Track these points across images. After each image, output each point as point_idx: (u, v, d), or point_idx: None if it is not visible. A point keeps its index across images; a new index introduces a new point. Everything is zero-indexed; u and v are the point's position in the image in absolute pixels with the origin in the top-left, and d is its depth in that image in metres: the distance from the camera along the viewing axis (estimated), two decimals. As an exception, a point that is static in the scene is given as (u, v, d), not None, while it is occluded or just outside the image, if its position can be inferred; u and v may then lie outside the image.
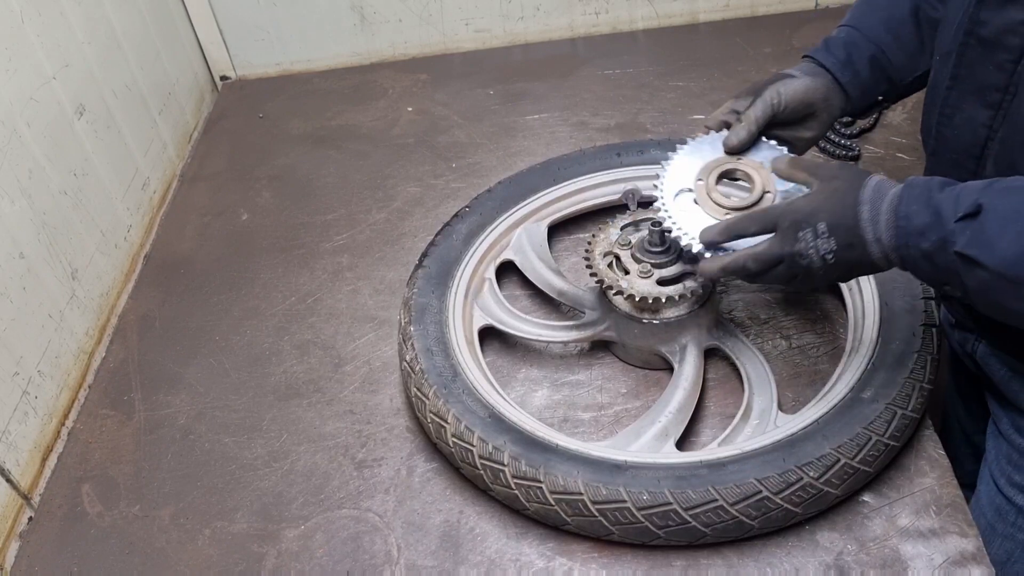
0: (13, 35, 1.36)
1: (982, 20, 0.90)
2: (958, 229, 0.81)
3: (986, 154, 0.94)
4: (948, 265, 0.83)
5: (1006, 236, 0.78)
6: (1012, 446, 1.09)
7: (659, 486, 0.98)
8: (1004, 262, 0.78)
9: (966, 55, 0.93)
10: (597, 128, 1.76)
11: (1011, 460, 1.09)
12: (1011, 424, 1.08)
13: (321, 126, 1.91)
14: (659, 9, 2.07)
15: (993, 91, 0.91)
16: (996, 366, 1.09)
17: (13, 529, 1.19)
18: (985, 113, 0.93)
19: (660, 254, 1.21)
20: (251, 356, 1.38)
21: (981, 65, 0.92)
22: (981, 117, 0.93)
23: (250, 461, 1.22)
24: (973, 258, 0.80)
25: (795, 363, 1.23)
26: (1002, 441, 1.10)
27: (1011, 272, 0.78)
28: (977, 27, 0.90)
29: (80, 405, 1.37)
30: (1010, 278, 0.78)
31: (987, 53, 0.90)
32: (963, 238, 0.81)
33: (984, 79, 0.92)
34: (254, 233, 1.63)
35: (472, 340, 1.26)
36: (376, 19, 2.08)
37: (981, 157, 0.95)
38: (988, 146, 0.94)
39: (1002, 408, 1.10)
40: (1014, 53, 0.88)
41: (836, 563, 0.99)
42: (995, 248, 0.79)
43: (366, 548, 1.09)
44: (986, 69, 0.91)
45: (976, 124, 0.94)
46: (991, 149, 0.94)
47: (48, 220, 1.38)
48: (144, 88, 1.77)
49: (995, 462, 1.12)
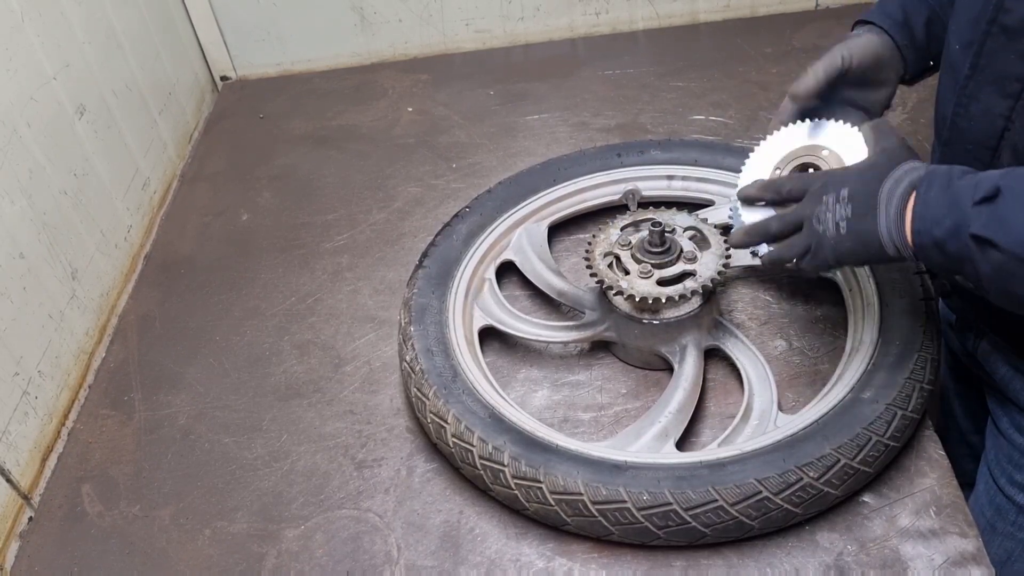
0: (13, 35, 1.36)
1: (1007, 8, 0.89)
2: (974, 213, 0.80)
3: (1002, 145, 0.94)
4: (961, 252, 0.82)
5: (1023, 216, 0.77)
6: (1012, 445, 1.09)
7: (659, 486, 0.98)
8: (1020, 245, 0.77)
9: (987, 44, 0.92)
10: (597, 128, 1.76)
11: (1011, 459, 1.09)
12: (1011, 423, 1.08)
13: (321, 126, 1.91)
14: (659, 9, 2.07)
15: (1013, 81, 0.90)
16: (997, 364, 1.08)
17: (13, 529, 1.19)
18: (1004, 103, 0.92)
19: (660, 254, 1.21)
20: (251, 356, 1.38)
21: (1002, 54, 0.91)
22: (999, 107, 0.92)
23: (250, 461, 1.22)
24: (988, 239, 0.79)
25: (795, 364, 1.23)
26: (1002, 440, 1.10)
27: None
28: (1001, 15, 0.89)
29: (80, 405, 1.37)
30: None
31: (1010, 42, 0.89)
32: (979, 221, 0.80)
33: (1005, 69, 0.91)
34: (254, 233, 1.64)
35: (472, 340, 1.26)
36: (376, 19, 2.08)
37: (997, 148, 0.94)
38: (1005, 137, 0.93)
39: (1002, 407, 1.10)
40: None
41: (836, 563, 0.99)
42: (1011, 228, 0.78)
43: (366, 548, 1.09)
44: (1008, 58, 0.90)
45: (994, 114, 0.93)
46: (1008, 140, 0.93)
47: (48, 220, 1.38)
48: (144, 88, 1.77)
49: (995, 461, 1.12)
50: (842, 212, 0.91)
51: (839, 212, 0.92)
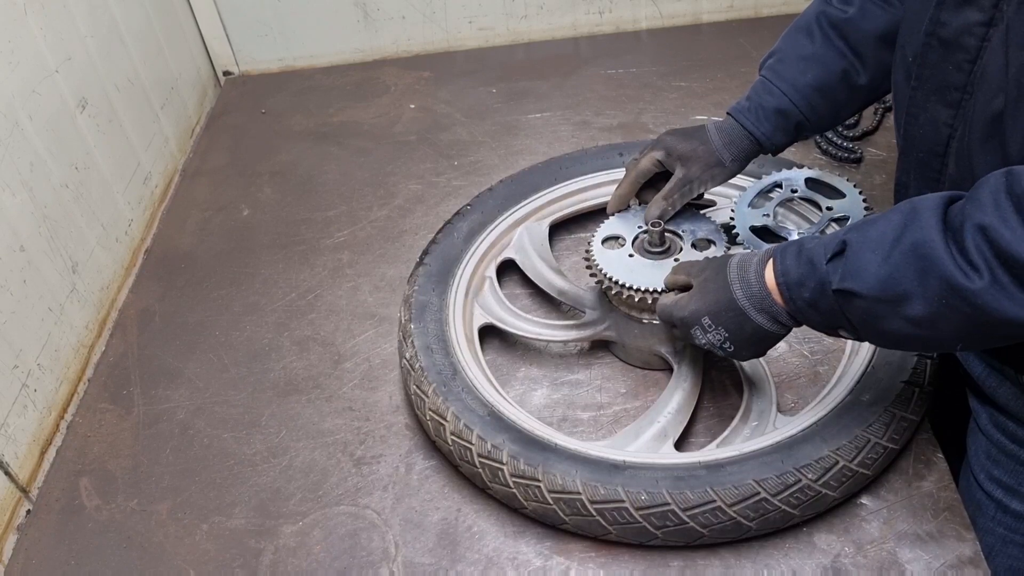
0: (16, 28, 1.36)
1: (942, 21, 0.93)
2: (831, 269, 0.88)
3: (948, 152, 0.97)
4: (831, 307, 0.89)
5: (873, 262, 0.84)
6: (991, 442, 1.09)
7: (657, 486, 0.98)
8: (876, 286, 0.83)
9: (927, 56, 0.96)
10: (599, 127, 1.76)
11: (990, 456, 1.10)
12: (990, 420, 1.09)
13: (323, 122, 1.91)
14: (662, 9, 2.07)
15: (953, 91, 0.94)
16: (974, 363, 1.10)
17: (11, 522, 1.19)
18: (946, 112, 0.95)
19: (660, 255, 1.22)
20: (251, 352, 1.38)
21: (942, 65, 0.94)
22: (943, 116, 0.96)
23: (248, 456, 1.22)
24: (849, 290, 0.85)
25: (794, 365, 1.23)
26: (981, 437, 1.11)
27: (885, 293, 0.83)
28: (938, 28, 0.93)
29: (79, 399, 1.37)
30: (885, 299, 0.83)
31: (947, 54, 0.93)
32: (836, 275, 0.87)
33: (944, 79, 0.94)
34: (255, 229, 1.63)
35: (472, 338, 1.26)
36: (379, 16, 2.08)
37: (944, 155, 0.98)
38: (950, 144, 0.96)
39: (981, 404, 1.11)
40: (971, 53, 0.91)
41: (833, 565, 0.99)
42: (865, 275, 0.84)
43: (364, 545, 1.09)
44: (946, 69, 0.94)
45: (938, 123, 0.97)
46: (952, 147, 0.96)
47: (49, 213, 1.38)
48: (146, 82, 1.77)
49: (975, 458, 1.13)
50: (718, 336, 1.00)
51: (715, 338, 1.00)
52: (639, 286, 1.17)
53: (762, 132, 1.20)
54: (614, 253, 1.23)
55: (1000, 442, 1.08)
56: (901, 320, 0.84)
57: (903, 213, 0.84)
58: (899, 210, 0.85)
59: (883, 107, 1.69)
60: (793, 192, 1.30)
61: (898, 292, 0.82)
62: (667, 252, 1.22)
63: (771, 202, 1.28)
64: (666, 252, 1.22)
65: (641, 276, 1.18)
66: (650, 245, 1.22)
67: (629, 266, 1.20)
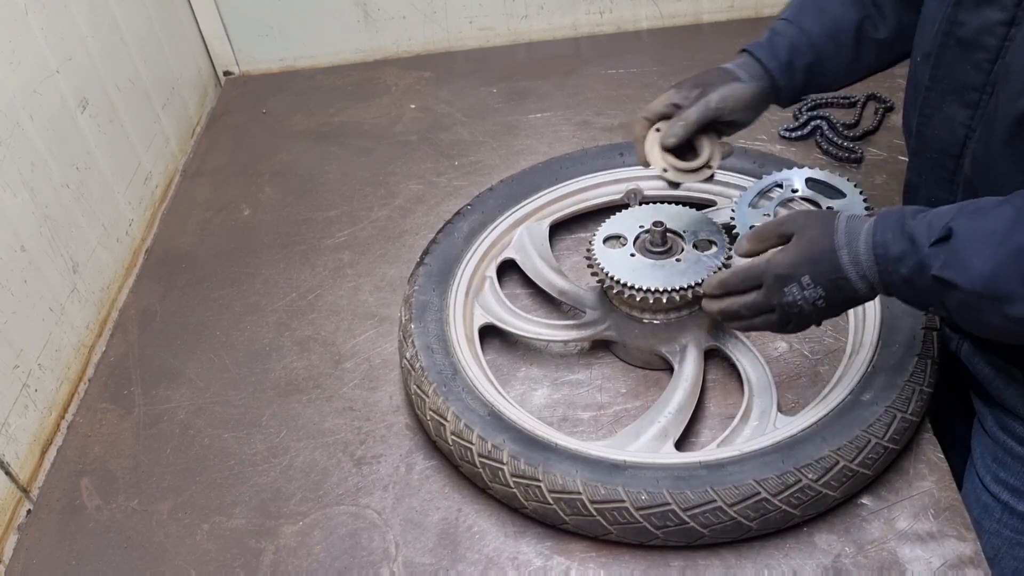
0: (17, 28, 1.36)
1: (960, 21, 0.92)
2: (932, 253, 0.84)
3: (964, 153, 0.96)
4: (928, 288, 0.86)
5: (979, 257, 0.81)
6: (997, 443, 1.09)
7: (658, 486, 0.98)
8: (979, 282, 0.81)
9: (944, 56, 0.95)
10: (600, 127, 1.76)
11: (996, 457, 1.10)
12: (995, 422, 1.09)
13: (324, 122, 1.91)
14: (663, 9, 2.07)
15: (971, 90, 0.93)
16: (979, 364, 1.10)
17: (12, 522, 1.20)
18: (964, 112, 0.94)
19: (662, 254, 1.22)
20: (251, 352, 1.38)
21: (959, 65, 0.93)
22: (960, 116, 0.95)
23: (249, 456, 1.22)
24: (949, 280, 0.83)
25: (795, 365, 1.23)
26: (986, 439, 1.11)
27: (987, 291, 0.81)
28: (955, 28, 0.92)
29: (80, 399, 1.37)
30: (987, 296, 0.81)
31: (965, 53, 0.92)
32: (938, 262, 0.84)
33: (962, 79, 0.93)
34: (255, 229, 1.64)
35: (472, 338, 1.26)
36: (380, 16, 2.08)
37: (960, 156, 0.97)
38: (967, 145, 0.95)
39: (986, 406, 1.11)
40: (991, 53, 0.90)
41: (834, 565, 0.99)
42: (969, 269, 0.82)
43: (364, 545, 1.09)
44: (964, 69, 0.93)
45: (955, 123, 0.96)
46: (969, 148, 0.95)
47: (50, 213, 1.38)
48: (147, 82, 1.77)
49: (980, 459, 1.13)
50: (814, 294, 0.94)
51: (811, 295, 0.94)
52: (641, 285, 1.17)
53: (774, 66, 1.15)
54: (616, 252, 1.23)
55: (1006, 444, 1.08)
56: (1000, 317, 0.82)
57: (1017, 208, 0.81)
58: (1012, 202, 0.83)
59: (883, 107, 1.69)
60: (793, 192, 1.29)
61: (1000, 292, 0.80)
62: (668, 252, 1.22)
63: (771, 202, 1.28)
64: (667, 252, 1.22)
65: (643, 275, 1.18)
66: (652, 245, 1.23)
67: (631, 265, 1.20)
